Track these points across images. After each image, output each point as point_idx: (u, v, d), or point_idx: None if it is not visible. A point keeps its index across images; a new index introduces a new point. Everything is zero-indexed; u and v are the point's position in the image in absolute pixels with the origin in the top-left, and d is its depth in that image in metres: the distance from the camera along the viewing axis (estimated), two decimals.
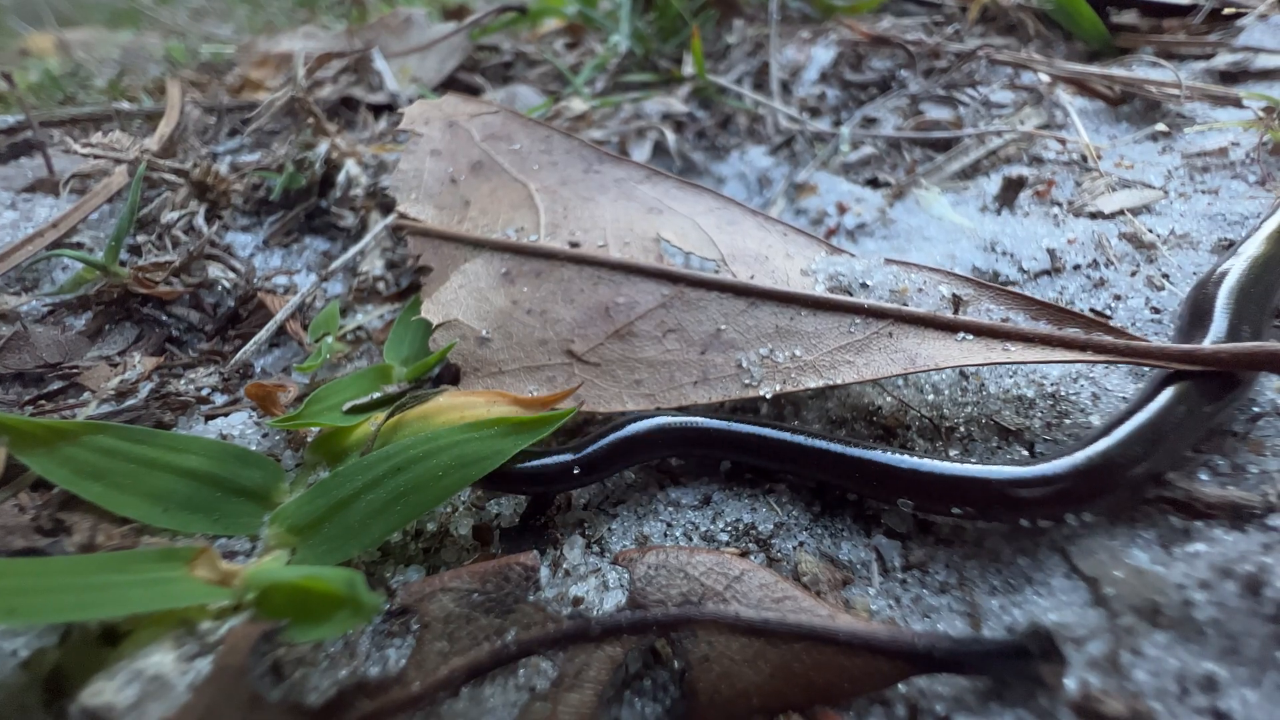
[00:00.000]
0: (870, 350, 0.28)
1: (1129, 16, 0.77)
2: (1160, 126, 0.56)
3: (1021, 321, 0.30)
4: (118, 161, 0.54)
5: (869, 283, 0.32)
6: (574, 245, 0.39)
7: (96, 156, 0.54)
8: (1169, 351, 0.28)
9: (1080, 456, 0.25)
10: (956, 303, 0.31)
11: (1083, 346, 0.28)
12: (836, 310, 0.30)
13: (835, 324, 0.30)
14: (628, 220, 0.41)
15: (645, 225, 0.40)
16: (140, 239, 0.49)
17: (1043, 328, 0.29)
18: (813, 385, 0.26)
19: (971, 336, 0.29)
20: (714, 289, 0.34)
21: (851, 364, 0.27)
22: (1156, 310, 0.39)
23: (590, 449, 0.28)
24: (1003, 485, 0.25)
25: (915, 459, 0.26)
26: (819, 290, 0.32)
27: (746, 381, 0.29)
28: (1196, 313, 0.32)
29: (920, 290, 0.32)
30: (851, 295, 0.31)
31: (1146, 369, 0.34)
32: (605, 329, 0.34)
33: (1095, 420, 0.32)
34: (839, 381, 0.27)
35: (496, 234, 0.41)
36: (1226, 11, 0.65)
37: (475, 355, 0.34)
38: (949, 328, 0.29)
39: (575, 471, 0.28)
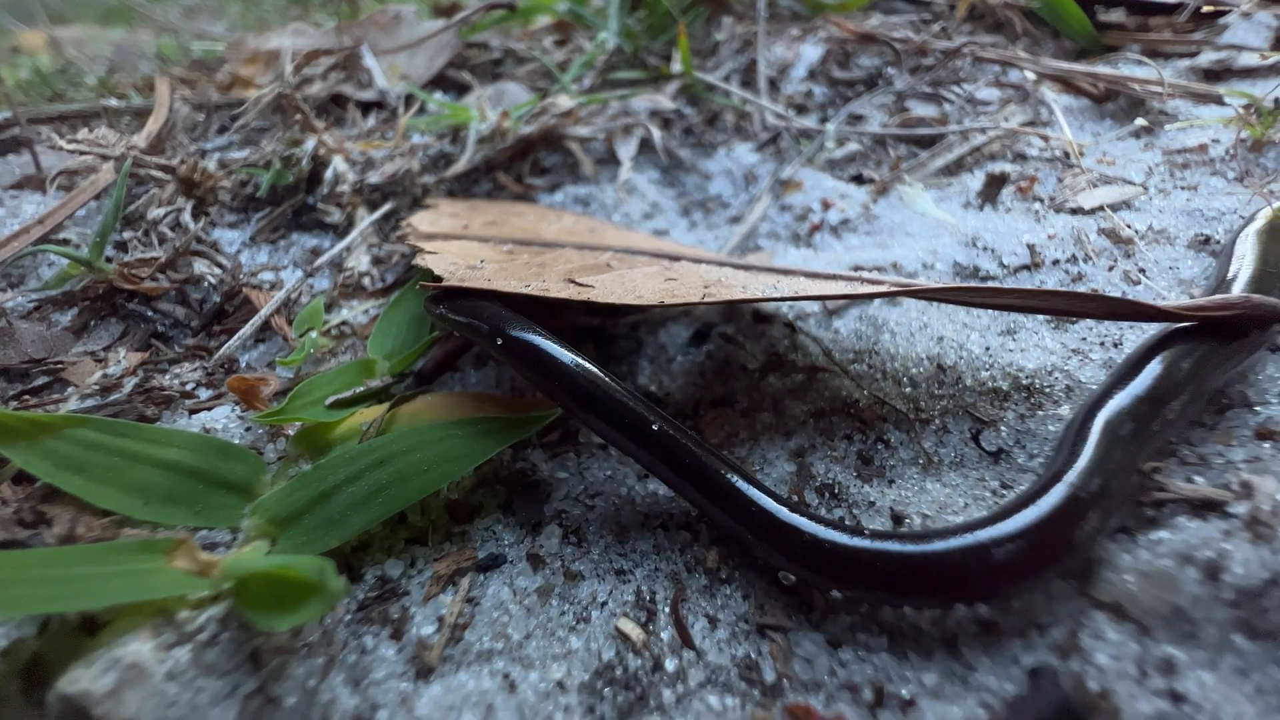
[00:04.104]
0: (756, 284, 0.34)
1: (1117, 15, 0.77)
2: (1140, 122, 0.56)
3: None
4: (105, 158, 0.54)
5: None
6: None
7: (83, 153, 0.54)
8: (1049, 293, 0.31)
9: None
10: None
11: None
12: (751, 270, 0.38)
13: (755, 277, 0.36)
14: (632, 239, 0.45)
15: (648, 243, 0.45)
16: (126, 235, 0.50)
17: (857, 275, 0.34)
18: (737, 297, 0.31)
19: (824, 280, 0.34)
20: (702, 262, 0.39)
21: (745, 289, 0.33)
22: None
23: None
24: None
25: None
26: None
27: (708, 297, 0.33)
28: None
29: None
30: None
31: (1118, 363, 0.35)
32: (605, 273, 0.36)
33: (1066, 411, 0.32)
34: (747, 298, 0.32)
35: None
36: (1206, 10, 0.65)
37: (464, 274, 0.34)
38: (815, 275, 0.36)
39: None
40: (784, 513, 0.25)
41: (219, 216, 0.54)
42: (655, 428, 0.26)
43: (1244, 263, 0.33)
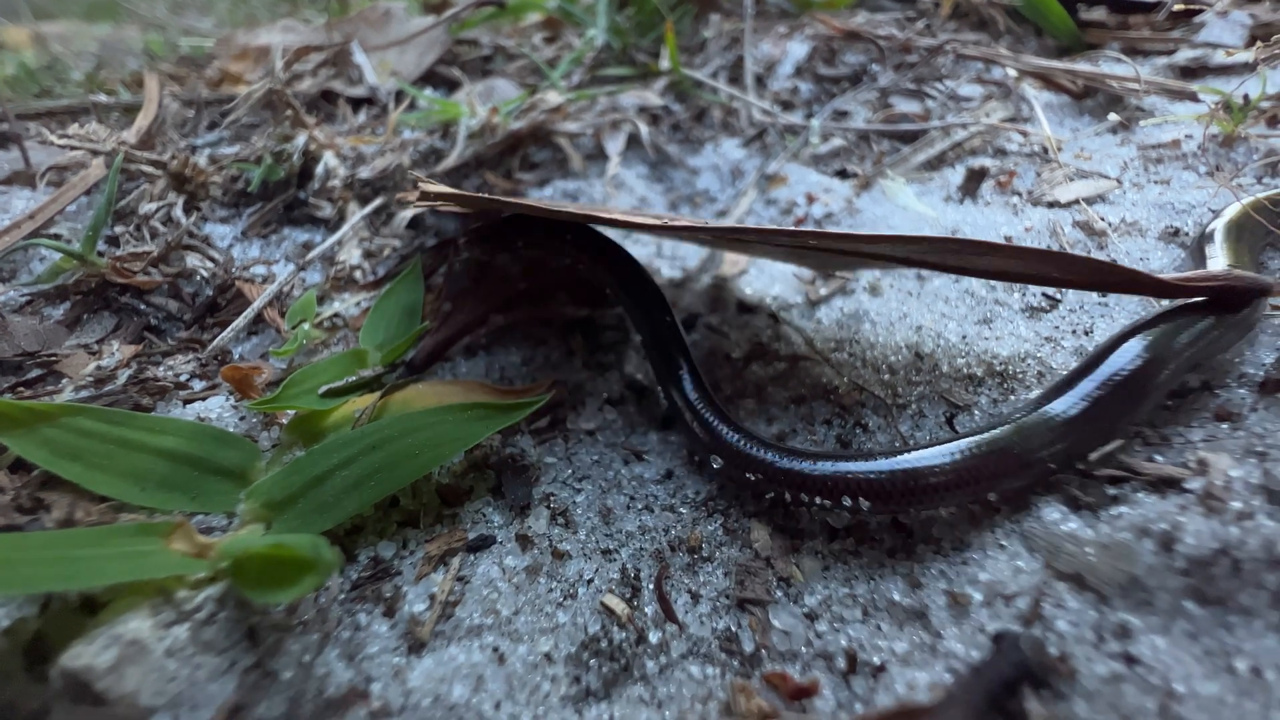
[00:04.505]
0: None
1: (1098, 13, 0.79)
2: (1113, 118, 0.57)
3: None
4: (95, 153, 0.54)
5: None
6: None
7: (73, 148, 0.54)
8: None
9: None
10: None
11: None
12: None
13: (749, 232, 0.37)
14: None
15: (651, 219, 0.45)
16: (118, 230, 0.50)
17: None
18: (737, 225, 0.33)
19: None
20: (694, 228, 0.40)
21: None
22: (1103, 293, 0.40)
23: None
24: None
25: None
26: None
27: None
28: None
29: None
30: None
31: (1091, 350, 0.36)
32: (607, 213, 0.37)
33: (1036, 395, 0.33)
34: (752, 226, 0.33)
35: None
36: (1178, 8, 0.67)
37: (468, 196, 0.35)
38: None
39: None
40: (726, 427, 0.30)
41: (210, 211, 0.55)
42: (667, 320, 0.35)
43: (1215, 265, 0.34)
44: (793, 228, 0.33)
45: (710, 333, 0.42)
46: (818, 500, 0.27)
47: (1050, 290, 0.42)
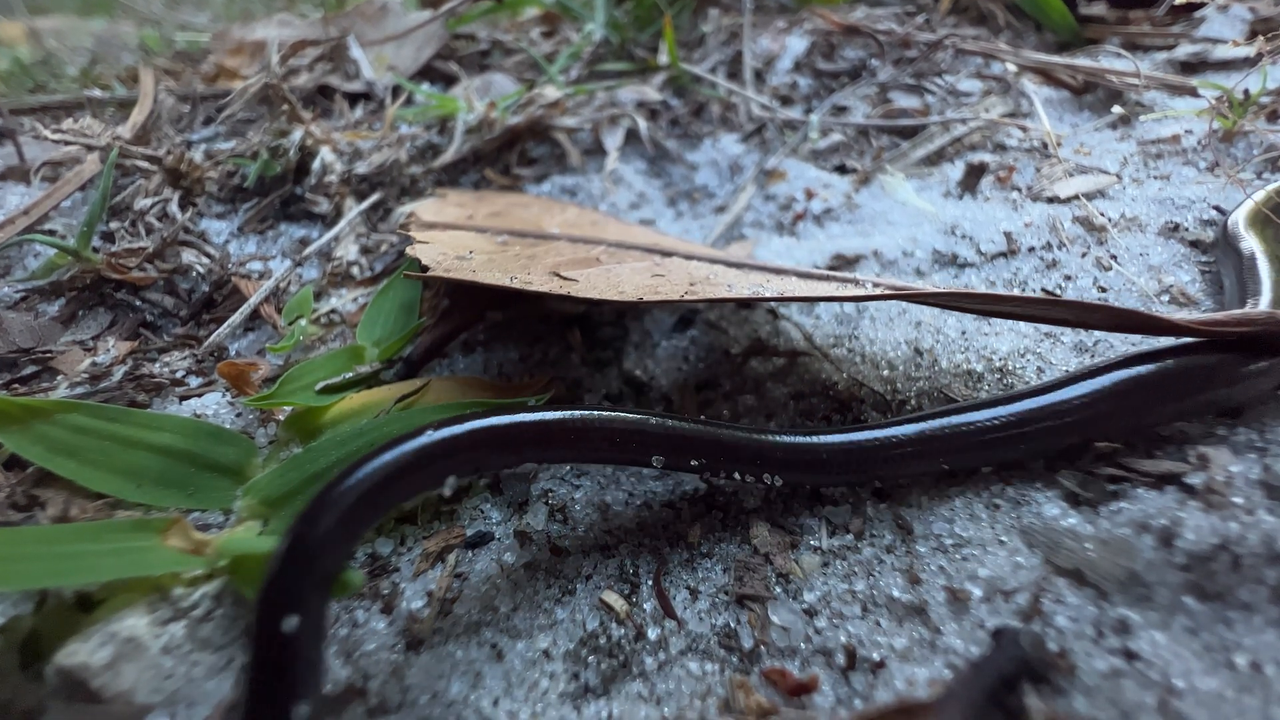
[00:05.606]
0: (744, 282, 0.34)
1: (1098, 8, 0.78)
2: (1117, 110, 0.57)
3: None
4: (90, 148, 0.54)
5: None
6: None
7: (68, 143, 0.54)
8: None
9: None
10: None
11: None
12: (742, 268, 0.38)
13: (744, 275, 0.37)
14: (631, 233, 0.46)
15: (645, 238, 0.45)
16: (113, 225, 0.50)
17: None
18: (721, 296, 0.31)
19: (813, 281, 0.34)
20: (694, 259, 0.40)
21: (730, 287, 0.33)
22: (1103, 289, 0.40)
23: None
24: None
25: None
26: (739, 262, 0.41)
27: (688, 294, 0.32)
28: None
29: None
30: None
31: (1090, 345, 0.36)
32: (592, 267, 0.36)
33: None
34: (731, 296, 0.31)
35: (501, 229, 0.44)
36: (1179, 2, 0.67)
37: (450, 263, 0.35)
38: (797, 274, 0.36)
39: None
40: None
41: (206, 207, 0.54)
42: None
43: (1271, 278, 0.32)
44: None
45: (709, 328, 0.42)
46: None
47: (1050, 286, 0.42)
